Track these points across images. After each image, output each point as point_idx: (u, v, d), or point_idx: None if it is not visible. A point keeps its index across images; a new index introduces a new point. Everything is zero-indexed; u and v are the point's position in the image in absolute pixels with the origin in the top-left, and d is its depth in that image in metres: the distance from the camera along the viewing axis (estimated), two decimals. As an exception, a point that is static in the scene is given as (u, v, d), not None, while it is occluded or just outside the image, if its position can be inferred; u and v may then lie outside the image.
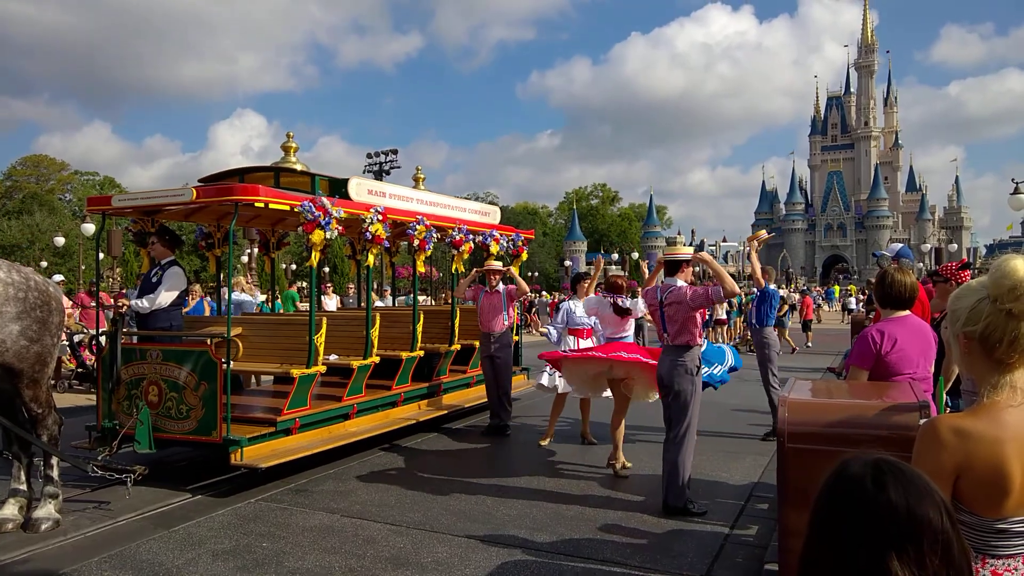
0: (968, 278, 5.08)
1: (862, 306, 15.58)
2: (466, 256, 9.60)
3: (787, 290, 28.31)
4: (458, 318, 9.56)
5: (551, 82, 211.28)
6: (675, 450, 5.69)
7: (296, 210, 6.82)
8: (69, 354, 11.53)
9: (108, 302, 10.19)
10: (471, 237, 9.49)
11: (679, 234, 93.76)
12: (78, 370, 11.98)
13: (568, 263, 68.54)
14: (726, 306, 19.54)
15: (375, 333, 7.88)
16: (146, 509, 5.75)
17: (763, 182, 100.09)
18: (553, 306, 23.94)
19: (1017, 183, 22.08)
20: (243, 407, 7.31)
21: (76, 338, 10.55)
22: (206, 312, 11.44)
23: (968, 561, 1.27)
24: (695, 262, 6.11)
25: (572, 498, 6.09)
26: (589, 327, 8.04)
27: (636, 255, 70.60)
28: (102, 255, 21.49)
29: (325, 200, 6.93)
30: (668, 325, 5.82)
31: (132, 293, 9.17)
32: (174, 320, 7.14)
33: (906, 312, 4.09)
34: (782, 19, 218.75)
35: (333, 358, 7.72)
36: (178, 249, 7.48)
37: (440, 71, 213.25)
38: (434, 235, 8.77)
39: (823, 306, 37.97)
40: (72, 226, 47.70)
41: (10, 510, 5.35)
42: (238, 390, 7.95)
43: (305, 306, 15.84)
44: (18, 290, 5.22)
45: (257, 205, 6.67)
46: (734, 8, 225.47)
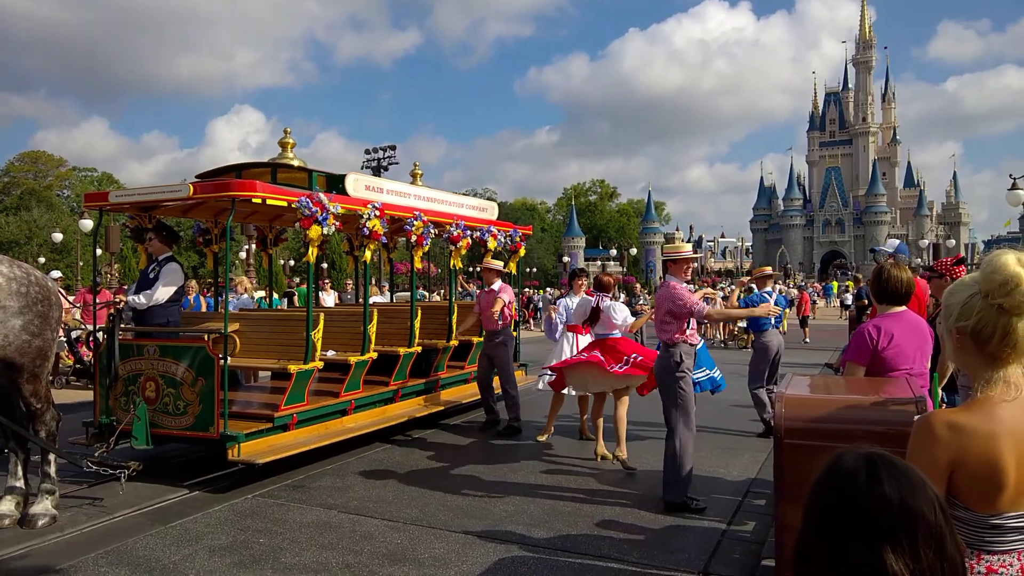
0: (963, 273, 5.08)
1: (852, 300, 15.60)
2: (464, 252, 9.60)
3: (783, 286, 28.36)
4: (456, 314, 9.56)
5: (549, 78, 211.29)
6: (668, 445, 5.76)
7: (293, 206, 6.81)
8: (67, 350, 11.50)
9: (110, 298, 10.18)
10: (469, 233, 9.49)
11: (677, 230, 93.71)
12: (76, 366, 11.96)
13: (567, 259, 68.63)
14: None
15: (372, 329, 7.89)
16: (143, 505, 5.76)
17: (761, 178, 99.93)
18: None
19: (1015, 179, 22.07)
20: (240, 403, 7.31)
21: (74, 334, 10.52)
22: (203, 308, 11.40)
23: (962, 556, 1.27)
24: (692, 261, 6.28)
25: (569, 494, 6.10)
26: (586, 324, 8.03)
27: (634, 251, 70.78)
28: (100, 251, 21.45)
29: (322, 196, 6.93)
30: (654, 321, 6.06)
31: (132, 289, 9.16)
32: (171, 316, 7.14)
33: (902, 308, 4.09)
34: (779, 15, 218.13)
35: (331, 354, 7.73)
36: (175, 245, 7.49)
37: (438, 67, 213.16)
38: (432, 231, 8.76)
39: (818, 303, 38.04)
40: (70, 222, 47.56)
41: (7, 506, 5.34)
42: (235, 386, 7.95)
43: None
44: (20, 285, 5.24)
45: (254, 201, 6.67)
46: (731, 4, 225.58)
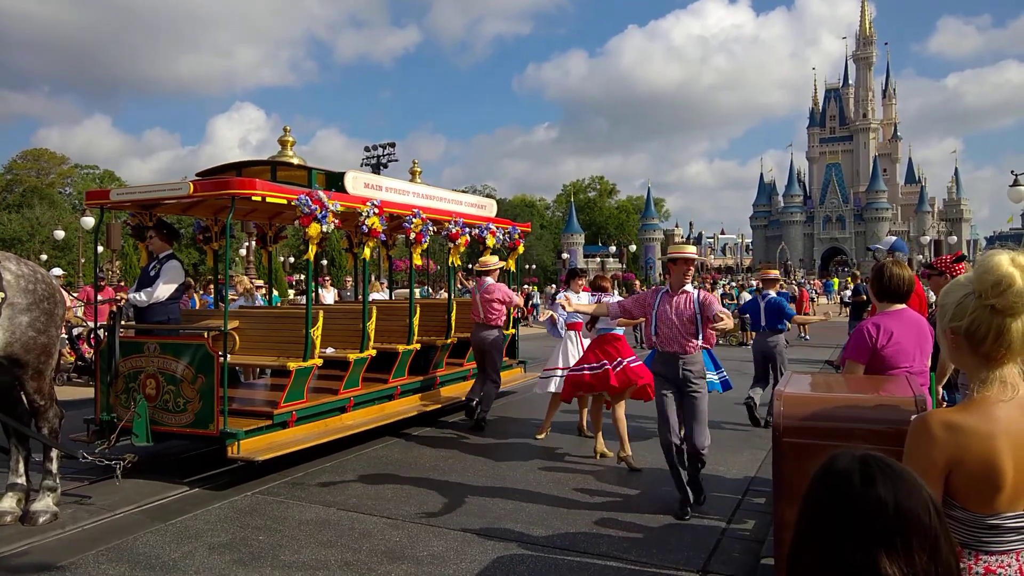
0: (963, 271, 5.06)
1: (850, 296, 15.55)
2: (462, 249, 9.61)
3: (783, 282, 28.37)
4: (455, 311, 9.56)
5: (548, 75, 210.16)
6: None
7: (293, 204, 6.81)
8: (68, 347, 11.51)
9: (113, 295, 10.18)
10: (467, 230, 9.50)
11: (677, 226, 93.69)
12: (77, 363, 11.95)
13: (566, 256, 68.50)
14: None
15: (372, 326, 7.89)
16: (143, 502, 5.77)
17: (761, 174, 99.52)
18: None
19: (1016, 175, 22.01)
20: (240, 400, 7.32)
21: (75, 331, 10.53)
22: (198, 306, 11.38)
23: (956, 559, 1.26)
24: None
25: (568, 492, 6.10)
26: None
27: (634, 247, 70.69)
28: (101, 248, 21.43)
29: (321, 194, 6.94)
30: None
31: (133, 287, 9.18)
32: (171, 313, 7.15)
33: (903, 305, 4.08)
34: (779, 12, 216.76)
35: (330, 351, 7.73)
36: (176, 243, 7.49)
37: (437, 65, 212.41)
38: (430, 228, 8.76)
39: (816, 300, 38.15)
40: (72, 220, 47.62)
41: (8, 503, 5.36)
42: (235, 383, 7.96)
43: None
44: (28, 282, 5.27)
45: (254, 199, 6.67)
46: (730, 1, 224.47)
